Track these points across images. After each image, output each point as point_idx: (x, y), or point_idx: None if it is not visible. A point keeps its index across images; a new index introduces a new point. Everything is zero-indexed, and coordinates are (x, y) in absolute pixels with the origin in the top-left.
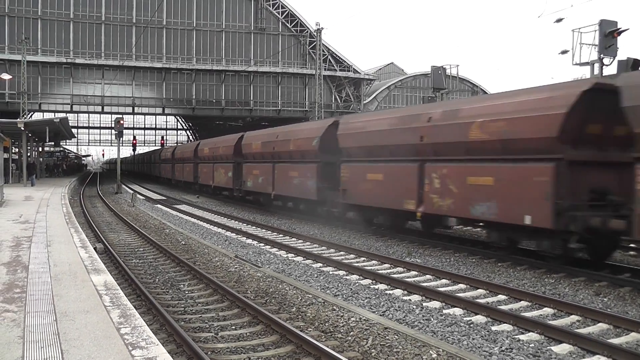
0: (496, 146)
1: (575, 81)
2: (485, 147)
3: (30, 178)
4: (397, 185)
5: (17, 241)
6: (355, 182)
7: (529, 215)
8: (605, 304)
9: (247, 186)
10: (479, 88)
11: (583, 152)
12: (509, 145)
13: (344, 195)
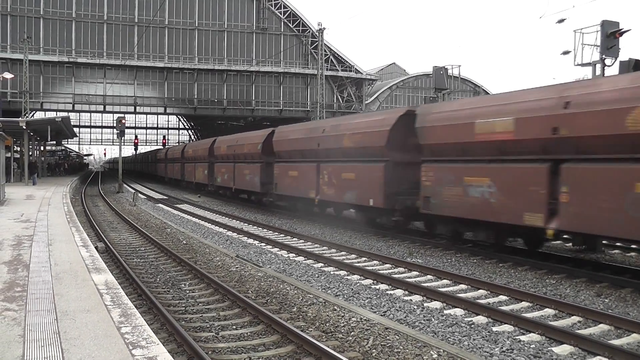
0: (358, 151)
1: (397, 108)
2: (351, 152)
3: (32, 177)
4: (306, 179)
5: (18, 240)
6: (283, 177)
7: (372, 199)
8: (607, 305)
9: (280, 190)
10: (480, 88)
11: (403, 155)
12: (364, 151)
13: (275, 187)
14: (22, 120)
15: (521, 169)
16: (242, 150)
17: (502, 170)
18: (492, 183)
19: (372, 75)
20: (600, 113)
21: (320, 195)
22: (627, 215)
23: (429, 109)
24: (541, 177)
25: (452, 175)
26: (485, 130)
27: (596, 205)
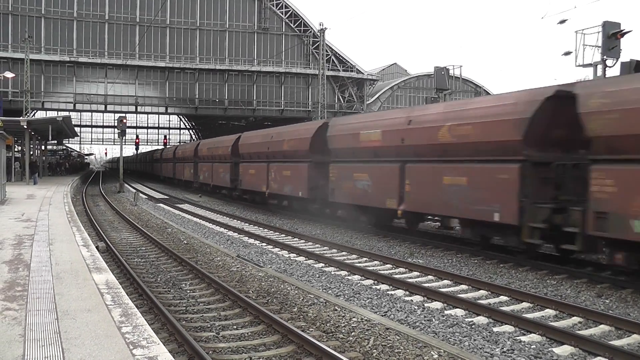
0: (291, 154)
1: (318, 121)
2: (288, 154)
3: (33, 176)
4: (260, 176)
5: (19, 239)
6: (245, 174)
7: (300, 191)
8: (607, 306)
9: (243, 185)
10: (482, 89)
11: (322, 157)
12: (295, 153)
13: (240, 183)
14: (23, 119)
15: (385, 168)
16: (218, 152)
17: (374, 169)
18: (369, 178)
19: (373, 75)
20: (426, 129)
21: (269, 189)
22: (440, 199)
23: (336, 121)
24: (395, 173)
25: (346, 173)
26: (366, 139)
27: (424, 192)
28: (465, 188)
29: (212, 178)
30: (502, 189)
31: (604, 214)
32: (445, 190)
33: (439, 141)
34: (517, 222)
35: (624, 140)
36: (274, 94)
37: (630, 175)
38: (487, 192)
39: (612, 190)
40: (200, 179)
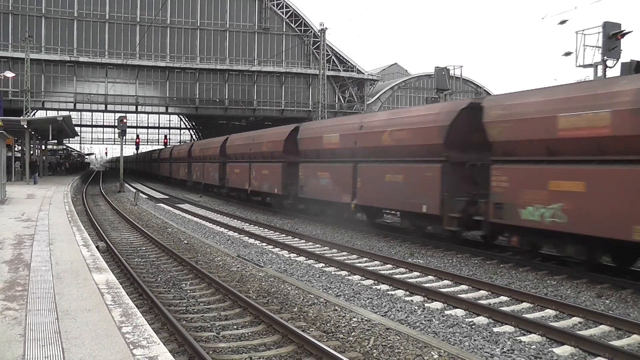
0: (268, 155)
1: (290, 125)
2: (266, 155)
3: (33, 176)
4: (243, 175)
5: (19, 239)
6: (232, 173)
7: (276, 188)
8: (607, 306)
9: (229, 184)
10: (482, 89)
11: (294, 158)
12: (271, 154)
13: (227, 182)
14: (24, 119)
15: (341, 167)
16: (208, 153)
17: (333, 168)
18: (330, 176)
19: (373, 75)
20: (373, 133)
21: (251, 187)
22: (384, 194)
23: (306, 125)
24: (349, 172)
25: (312, 172)
26: (327, 142)
27: (371, 189)
28: (403, 184)
29: (204, 177)
30: (428, 185)
31: (500, 205)
32: (387, 187)
33: (382, 144)
34: (440, 212)
35: (515, 145)
36: (275, 93)
37: (519, 172)
38: (417, 188)
39: (506, 185)
40: (193, 178)
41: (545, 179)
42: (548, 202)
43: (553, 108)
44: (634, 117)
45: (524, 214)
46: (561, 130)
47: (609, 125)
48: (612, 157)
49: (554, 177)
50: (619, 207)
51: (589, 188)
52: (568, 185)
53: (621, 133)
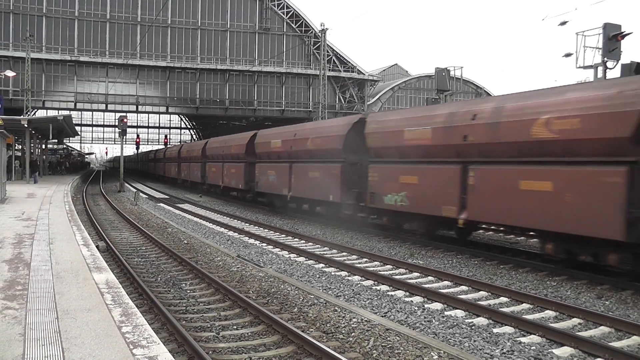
0: (235, 156)
1: (250, 132)
2: (234, 156)
3: (33, 175)
4: (217, 172)
5: (19, 238)
6: (210, 171)
7: (240, 184)
8: (607, 307)
9: (209, 180)
10: (482, 90)
11: (252, 159)
12: (237, 156)
13: (207, 179)
14: (24, 118)
15: (280, 166)
16: (193, 154)
17: (275, 167)
18: (275, 173)
19: (374, 76)
20: (301, 140)
21: (223, 183)
22: (309, 187)
23: (263, 132)
24: (285, 170)
25: (264, 170)
26: (274, 145)
27: (300, 183)
28: (319, 179)
29: (190, 175)
30: (333, 180)
31: (372, 194)
32: (311, 181)
33: (307, 147)
34: (340, 200)
35: (381, 150)
36: (275, 94)
37: (383, 170)
38: (327, 182)
39: (376, 179)
40: (182, 176)
41: (397, 175)
42: (399, 191)
43: (402, 124)
44: (445, 133)
45: (385, 200)
46: (407, 140)
47: (430, 137)
48: (432, 159)
49: (402, 173)
50: (434, 193)
51: (420, 180)
52: (409, 179)
53: (437, 143)
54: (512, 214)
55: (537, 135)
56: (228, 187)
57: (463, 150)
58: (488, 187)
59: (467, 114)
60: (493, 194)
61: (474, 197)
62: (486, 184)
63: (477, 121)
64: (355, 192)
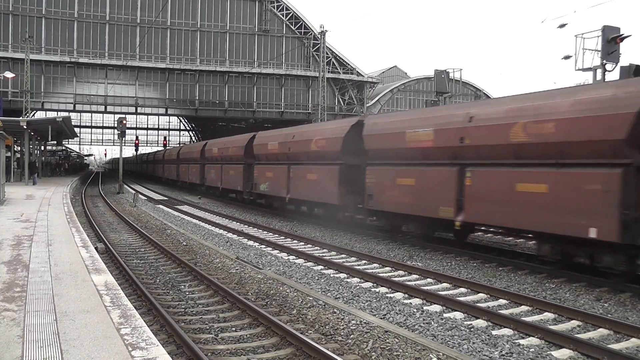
0: (233, 158)
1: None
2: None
3: (32, 177)
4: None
5: (18, 240)
6: (209, 173)
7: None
8: (606, 310)
9: (207, 182)
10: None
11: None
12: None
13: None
14: (23, 119)
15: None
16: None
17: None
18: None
19: (373, 78)
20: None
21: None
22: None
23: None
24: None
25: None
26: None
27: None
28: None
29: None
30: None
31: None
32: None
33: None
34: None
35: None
36: (274, 96)
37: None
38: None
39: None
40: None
41: (395, 177)
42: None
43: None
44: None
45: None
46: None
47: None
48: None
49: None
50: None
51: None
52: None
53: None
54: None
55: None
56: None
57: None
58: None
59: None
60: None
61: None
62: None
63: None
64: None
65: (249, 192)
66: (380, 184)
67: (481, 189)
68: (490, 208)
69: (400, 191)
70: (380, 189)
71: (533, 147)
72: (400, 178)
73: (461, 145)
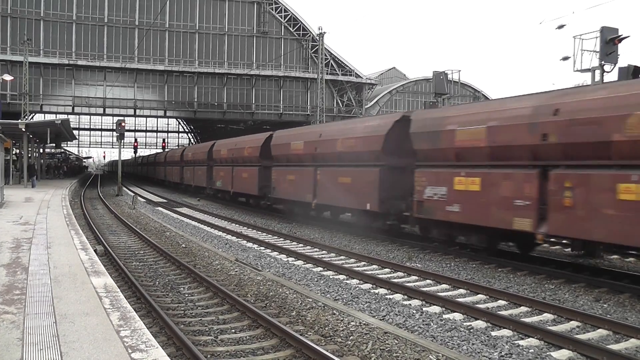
0: (247, 159)
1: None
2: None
3: (31, 179)
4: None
5: (17, 243)
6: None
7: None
8: (605, 310)
9: (215, 185)
10: (480, 93)
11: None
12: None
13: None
14: (22, 122)
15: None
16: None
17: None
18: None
19: (372, 79)
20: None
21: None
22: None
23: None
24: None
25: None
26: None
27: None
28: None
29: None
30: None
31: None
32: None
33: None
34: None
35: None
36: (273, 97)
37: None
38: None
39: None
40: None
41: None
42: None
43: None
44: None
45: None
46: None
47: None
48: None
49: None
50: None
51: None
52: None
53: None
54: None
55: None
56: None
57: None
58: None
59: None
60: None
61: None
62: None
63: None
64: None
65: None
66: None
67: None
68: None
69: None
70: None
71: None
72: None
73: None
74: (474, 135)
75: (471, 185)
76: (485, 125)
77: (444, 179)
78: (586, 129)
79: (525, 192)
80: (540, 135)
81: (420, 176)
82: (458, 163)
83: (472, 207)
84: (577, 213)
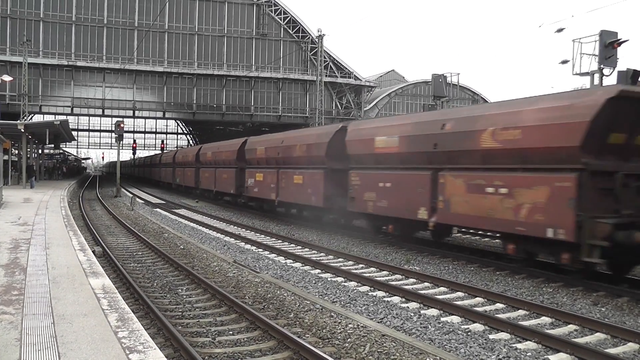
0: (226, 162)
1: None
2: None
3: (30, 180)
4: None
5: (16, 243)
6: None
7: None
8: (603, 314)
9: (202, 185)
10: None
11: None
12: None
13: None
14: (21, 123)
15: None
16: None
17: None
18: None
19: (371, 82)
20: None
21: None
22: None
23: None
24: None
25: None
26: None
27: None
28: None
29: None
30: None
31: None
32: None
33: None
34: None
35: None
36: (272, 99)
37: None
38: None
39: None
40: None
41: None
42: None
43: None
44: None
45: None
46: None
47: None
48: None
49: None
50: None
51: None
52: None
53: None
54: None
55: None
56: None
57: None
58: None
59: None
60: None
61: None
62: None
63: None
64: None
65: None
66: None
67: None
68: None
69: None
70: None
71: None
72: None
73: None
74: (389, 143)
75: (387, 184)
76: (397, 136)
77: (371, 179)
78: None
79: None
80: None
81: (354, 177)
82: (379, 165)
83: (392, 201)
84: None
